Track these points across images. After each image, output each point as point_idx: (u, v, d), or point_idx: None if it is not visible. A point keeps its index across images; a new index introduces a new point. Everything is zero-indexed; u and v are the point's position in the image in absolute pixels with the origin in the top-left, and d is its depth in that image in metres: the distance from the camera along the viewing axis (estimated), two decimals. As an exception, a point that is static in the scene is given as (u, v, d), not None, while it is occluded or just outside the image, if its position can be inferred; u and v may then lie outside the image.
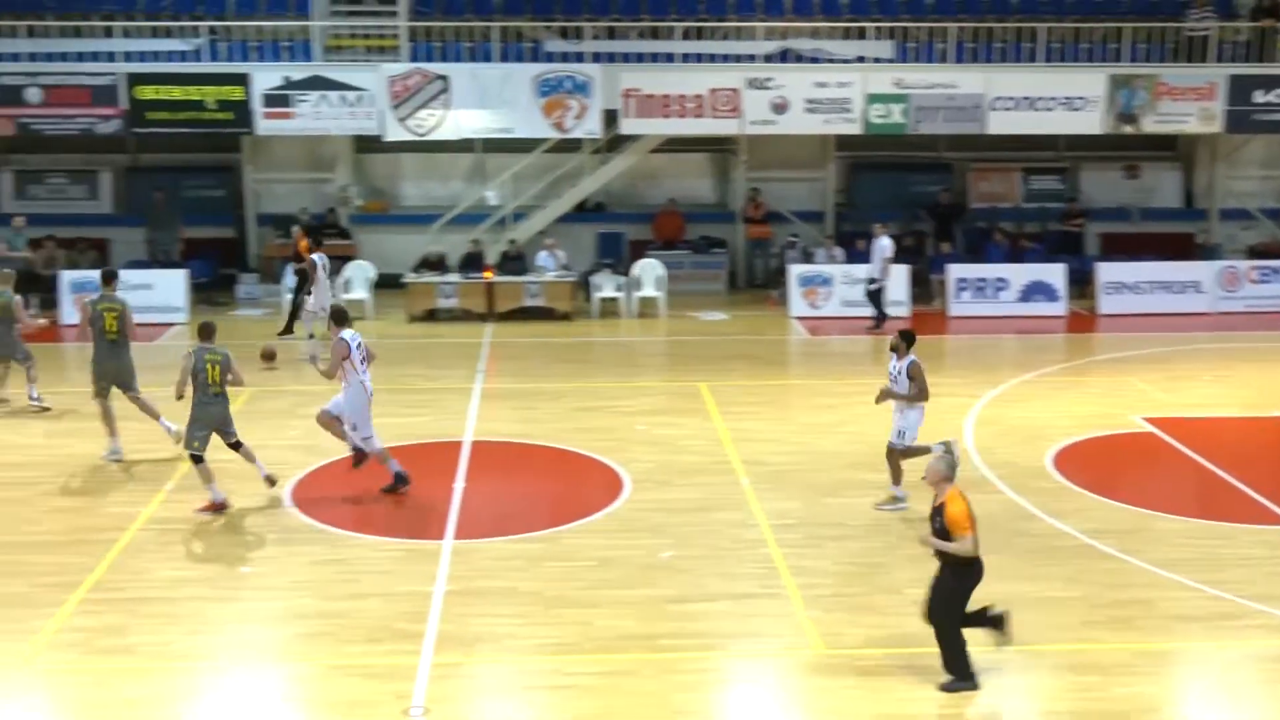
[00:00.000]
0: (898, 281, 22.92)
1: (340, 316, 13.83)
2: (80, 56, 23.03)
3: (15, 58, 22.89)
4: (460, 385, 18.32)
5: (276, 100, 22.73)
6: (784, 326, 22.70)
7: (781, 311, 23.52)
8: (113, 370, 15.12)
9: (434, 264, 23.24)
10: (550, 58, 23.71)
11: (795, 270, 23.53)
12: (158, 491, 13.92)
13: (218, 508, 13.31)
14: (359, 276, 23.15)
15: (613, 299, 23.43)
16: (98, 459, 14.96)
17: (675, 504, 13.65)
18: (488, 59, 23.58)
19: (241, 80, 22.63)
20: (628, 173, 25.55)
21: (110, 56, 23.03)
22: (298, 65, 23.02)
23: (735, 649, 10.45)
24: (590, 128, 23.33)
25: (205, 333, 13.45)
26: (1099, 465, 15.03)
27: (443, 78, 22.89)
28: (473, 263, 23.23)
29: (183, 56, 23.26)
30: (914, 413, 13.24)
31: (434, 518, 13.15)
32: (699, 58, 23.91)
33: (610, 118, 23.47)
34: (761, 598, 11.32)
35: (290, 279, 22.89)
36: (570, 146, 24.93)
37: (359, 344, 13.60)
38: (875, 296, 22.16)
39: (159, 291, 22.21)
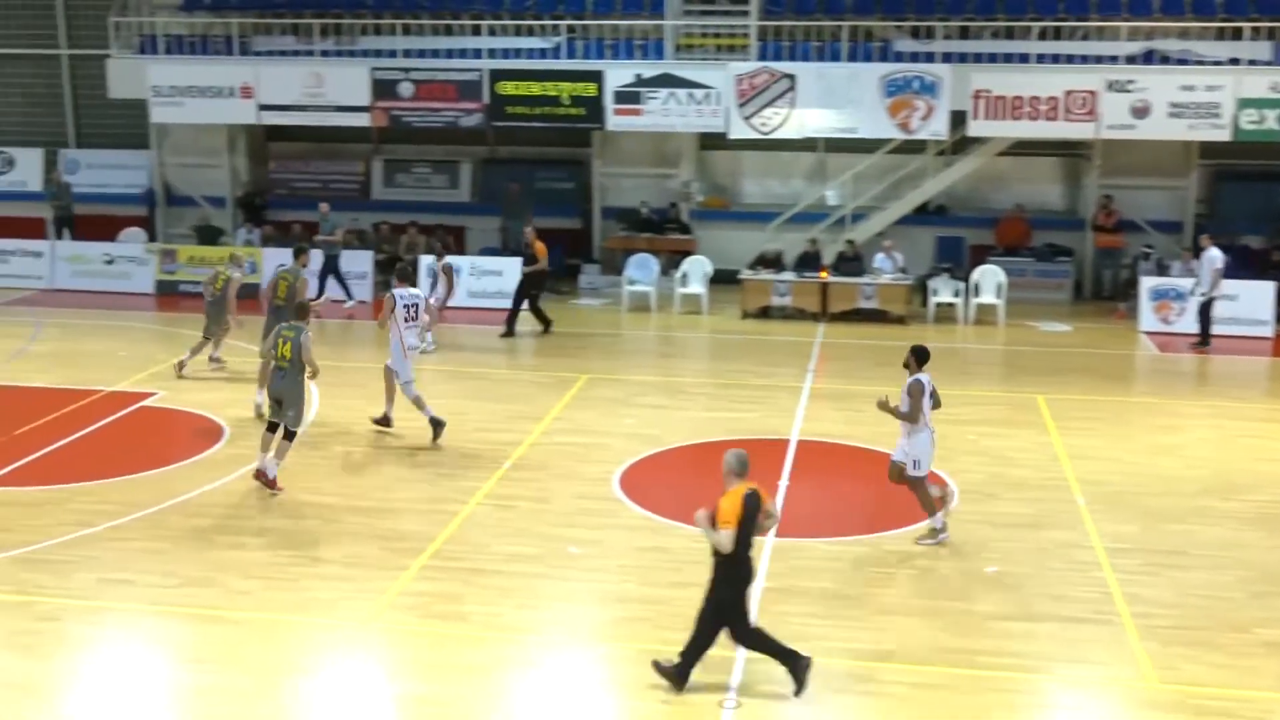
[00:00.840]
0: (1261, 299, 21.46)
1: (401, 274, 16.11)
2: (449, 54, 24.35)
3: (392, 54, 24.44)
4: (789, 384, 18.37)
5: (627, 97, 23.39)
6: (1131, 341, 21.65)
7: (1129, 325, 22.44)
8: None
9: (770, 262, 23.38)
10: (899, 57, 23.41)
11: (1147, 283, 22.39)
12: (497, 469, 14.59)
13: (263, 477, 13.71)
14: (696, 271, 23.55)
15: (949, 304, 22.94)
16: (452, 431, 15.81)
17: (1003, 518, 13.26)
18: (835, 58, 23.50)
19: (595, 77, 23.40)
20: (972, 175, 24.95)
21: (476, 54, 24.26)
22: (649, 63, 23.61)
23: (1059, 674, 10.07)
24: (936, 129, 22.90)
25: (300, 313, 14.22)
26: None
27: (789, 76, 22.98)
28: (809, 262, 23.23)
29: (542, 54, 24.26)
30: (919, 438, 12.48)
31: (757, 514, 13.23)
32: (1055, 58, 23.07)
33: (957, 119, 22.97)
34: (1091, 623, 10.85)
35: (636, 270, 23.53)
36: (914, 147, 24.56)
37: (407, 304, 15.42)
38: (1204, 312, 20.85)
39: (508, 278, 23.23)
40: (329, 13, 25.14)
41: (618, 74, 23.41)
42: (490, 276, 23.51)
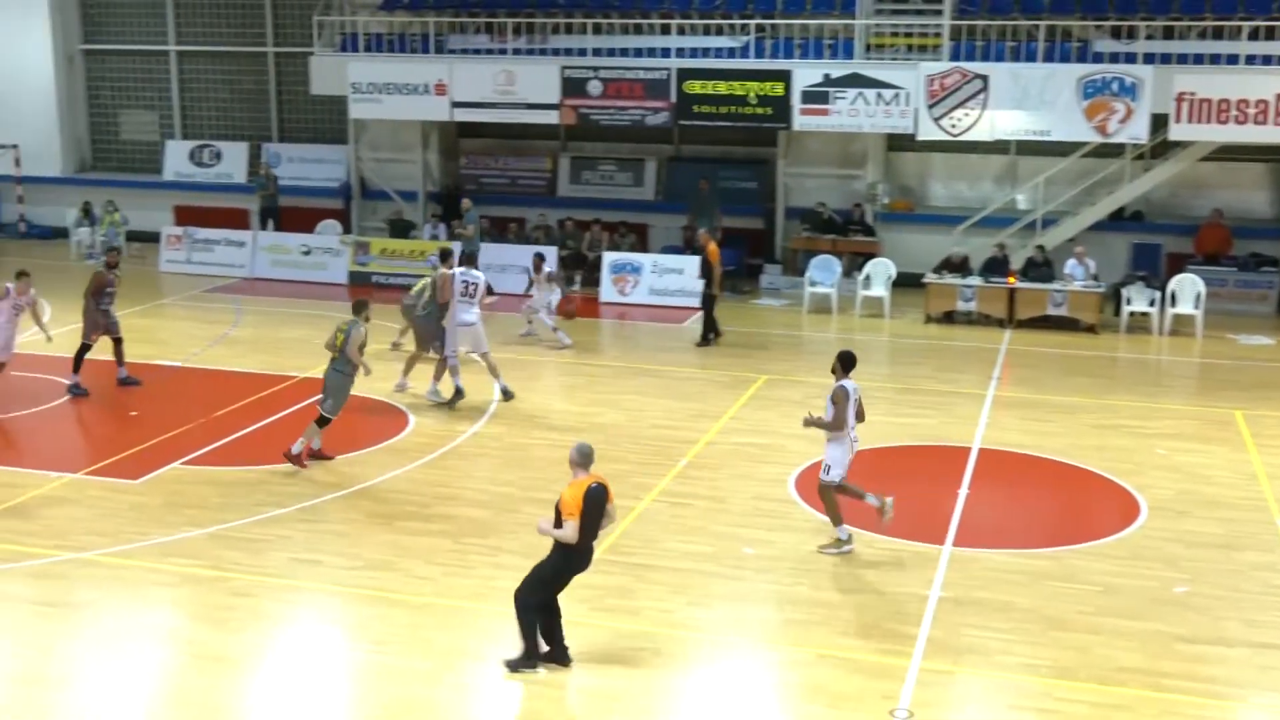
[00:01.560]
0: None
1: (445, 255, 17.68)
2: (638, 52, 24.54)
3: (582, 53, 24.75)
4: (972, 390, 18.01)
5: (814, 97, 23.23)
6: (1340, 357, 20.62)
7: (1338, 340, 21.38)
8: (431, 330, 17.24)
9: (956, 266, 22.95)
10: (1098, 58, 22.71)
11: (1359, 296, 21.27)
12: (673, 466, 14.66)
13: (295, 459, 14.38)
14: (879, 274, 23.27)
15: (1144, 314, 22.17)
16: (629, 427, 15.97)
17: (1194, 537, 12.77)
18: (1030, 59, 22.92)
19: (783, 77, 23.30)
20: (1171, 181, 24.07)
21: (665, 53, 24.40)
22: (838, 63, 23.39)
23: (1252, 701, 9.66)
24: (1135, 132, 22.15)
25: (356, 307, 14.62)
26: None
27: (982, 77, 22.51)
28: (996, 267, 22.72)
29: (730, 53, 24.26)
30: (837, 445, 12.09)
31: (935, 522, 13.03)
32: (1267, 60, 22.08)
33: (1158, 122, 22.18)
34: (1286, 650, 10.39)
35: (818, 272, 23.37)
36: (1110, 151, 23.81)
37: (466, 281, 16.74)
38: None
39: (689, 277, 23.32)
40: (521, 12, 25.59)
41: (805, 73, 23.26)
42: (672, 275, 23.62)
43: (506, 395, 17.06)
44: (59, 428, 16.22)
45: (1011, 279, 22.34)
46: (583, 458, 9.98)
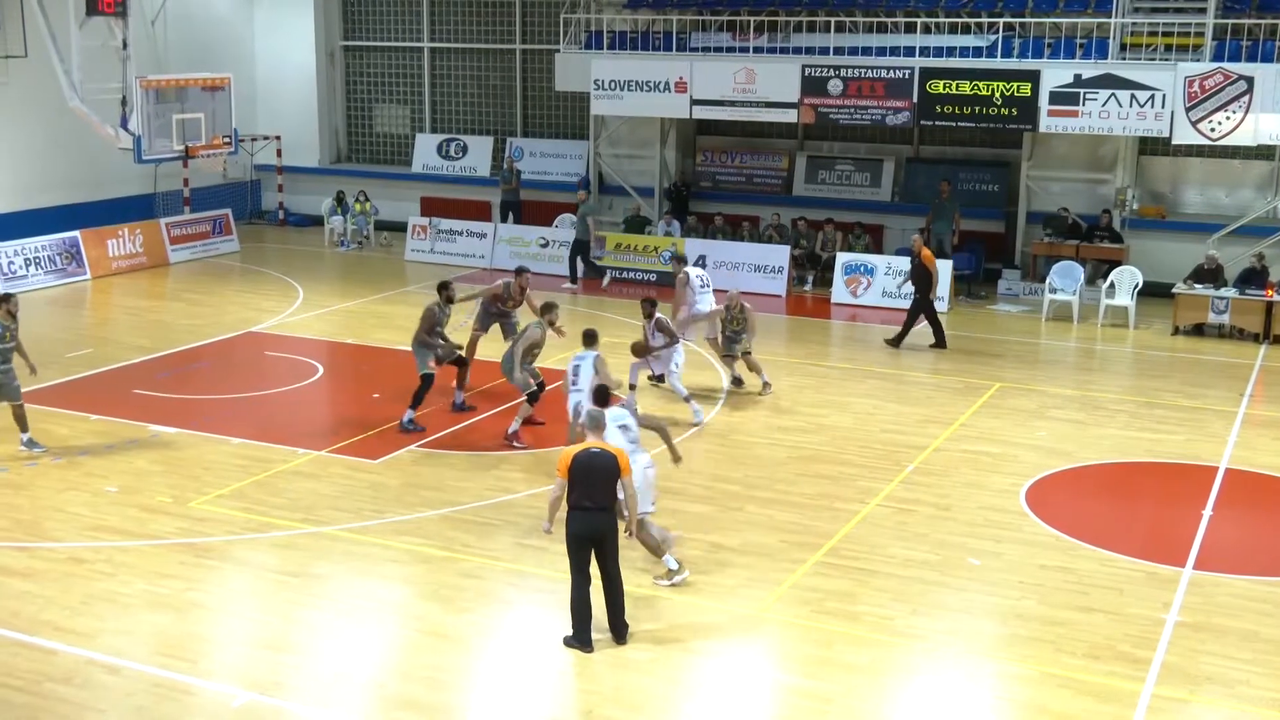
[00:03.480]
0: None
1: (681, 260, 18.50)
2: (880, 51, 24.21)
3: (824, 51, 24.56)
4: (1221, 408, 17.14)
5: (1063, 98, 22.48)
6: None
7: None
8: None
9: (1209, 276, 21.88)
10: (1375, 59, 21.31)
11: None
12: (900, 471, 14.43)
13: (513, 438, 15.09)
14: (1125, 282, 22.37)
15: None
16: (856, 430, 15.80)
17: None
18: (1299, 60, 21.68)
19: (1031, 77, 22.62)
20: None
21: (908, 51, 24.00)
22: (1090, 63, 22.59)
23: None
24: None
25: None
26: None
27: (1247, 79, 21.39)
28: (1253, 278, 21.55)
29: (976, 52, 23.68)
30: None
31: (1176, 543, 12.47)
32: None
33: None
34: None
35: (1060, 278, 22.65)
36: (1386, 159, 22.30)
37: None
38: None
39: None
40: (763, 10, 25.56)
41: (1055, 73, 22.53)
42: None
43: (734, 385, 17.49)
44: (307, 407, 16.99)
45: (1270, 291, 21.17)
46: (591, 422, 10.40)
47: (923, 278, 20.10)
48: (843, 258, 23.96)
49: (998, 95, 22.86)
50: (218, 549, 12.17)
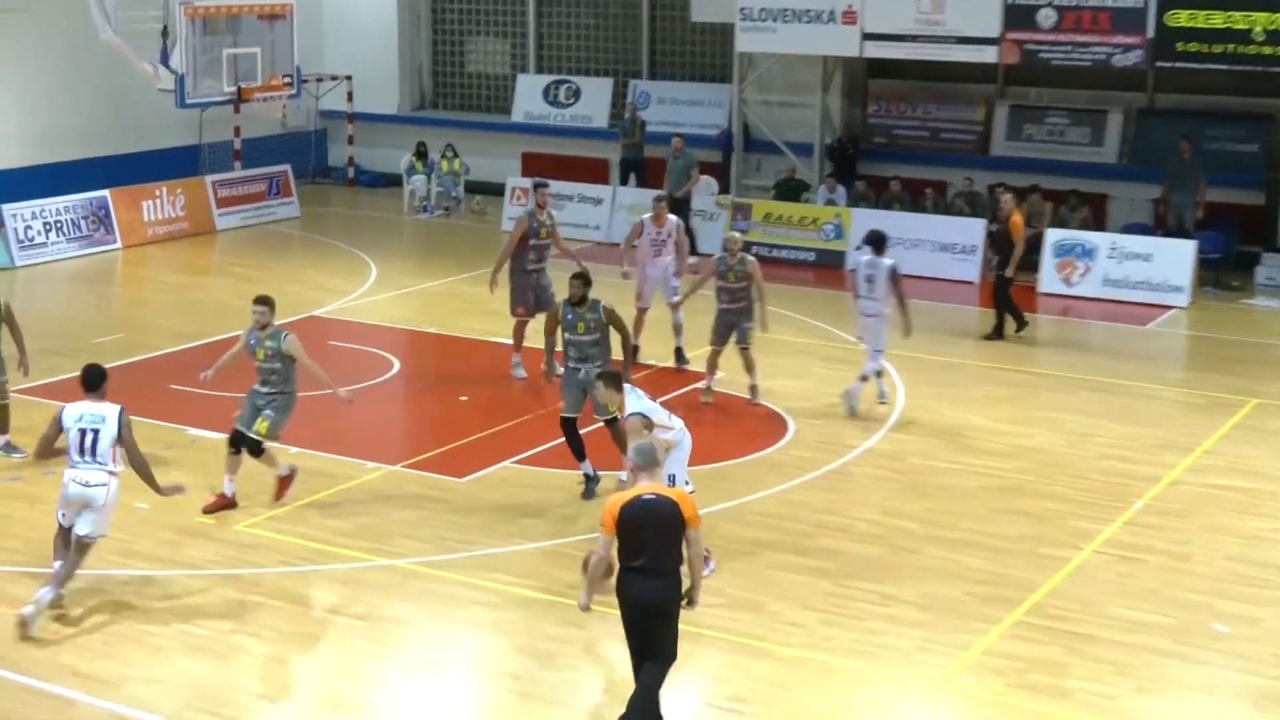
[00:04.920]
0: None
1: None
2: (1109, -27, 23.82)
3: (1031, -28, 24.24)
4: None
5: (1350, 31, 21.92)
6: None
7: None
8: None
9: None
10: None
11: None
12: (1125, 509, 14.19)
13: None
14: None
15: None
16: (1068, 455, 15.57)
17: None
18: None
19: (1303, 6, 22.10)
20: None
21: (1144, -27, 23.57)
22: (1381, -13, 21.97)
23: None
24: None
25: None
26: None
27: None
28: None
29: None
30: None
31: None
32: None
33: None
34: None
35: None
36: None
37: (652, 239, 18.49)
38: None
39: (1159, 265, 22.45)
40: (957, -80, 25.28)
41: (1335, 1, 21.97)
42: (1135, 262, 22.81)
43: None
44: (379, 411, 17.18)
45: None
46: (641, 458, 9.74)
47: (1005, 248, 19.79)
48: (1053, 235, 23.61)
49: (1259, 29, 22.36)
50: (268, 583, 12.36)
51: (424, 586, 12.33)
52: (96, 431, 11.52)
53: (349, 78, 31.38)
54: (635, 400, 12.16)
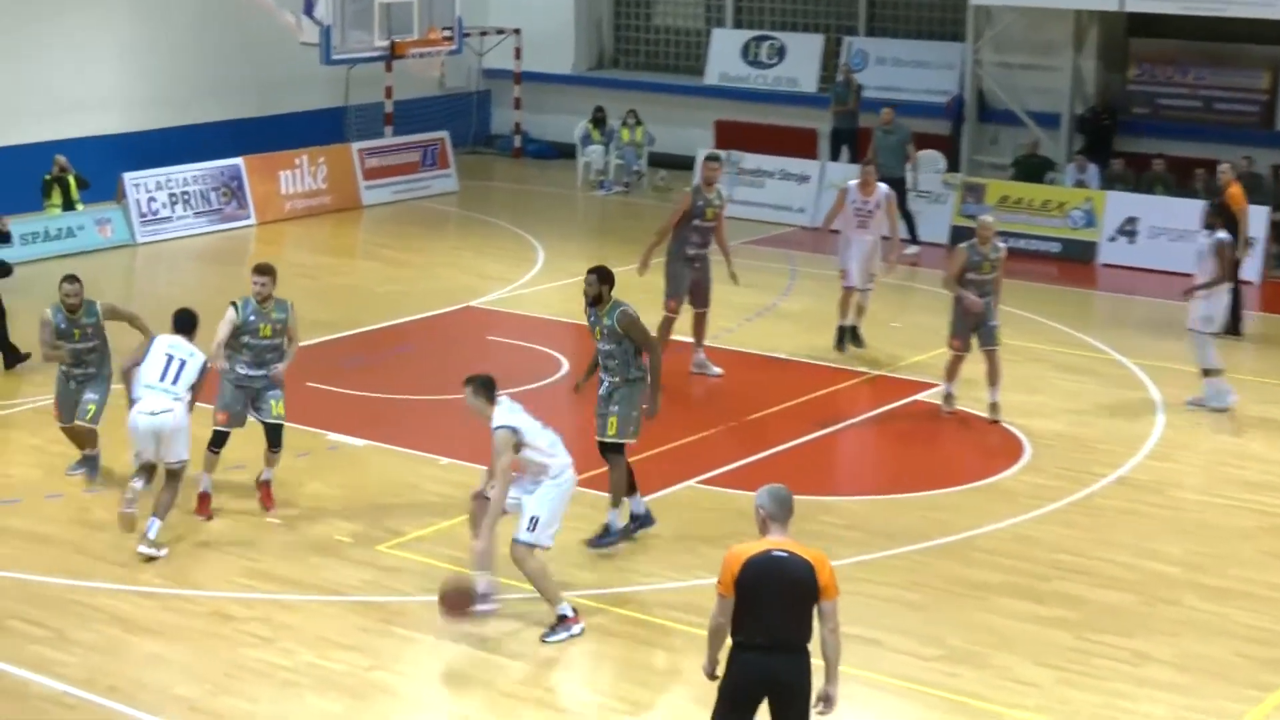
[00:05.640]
0: None
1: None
2: None
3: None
4: None
5: None
6: None
7: None
8: None
9: None
10: None
11: None
12: None
13: None
14: None
15: None
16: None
17: None
18: None
19: None
20: None
21: None
22: None
23: None
24: None
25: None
26: None
27: None
28: None
29: None
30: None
31: None
32: None
33: None
34: None
35: None
36: None
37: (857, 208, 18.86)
38: None
39: None
40: None
41: None
42: None
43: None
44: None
45: None
46: (776, 506, 9.04)
47: (1228, 224, 19.11)
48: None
49: None
50: (413, 613, 12.50)
51: (592, 622, 12.35)
52: (184, 363, 13.41)
53: (517, 31, 31.69)
54: (508, 414, 12.20)
